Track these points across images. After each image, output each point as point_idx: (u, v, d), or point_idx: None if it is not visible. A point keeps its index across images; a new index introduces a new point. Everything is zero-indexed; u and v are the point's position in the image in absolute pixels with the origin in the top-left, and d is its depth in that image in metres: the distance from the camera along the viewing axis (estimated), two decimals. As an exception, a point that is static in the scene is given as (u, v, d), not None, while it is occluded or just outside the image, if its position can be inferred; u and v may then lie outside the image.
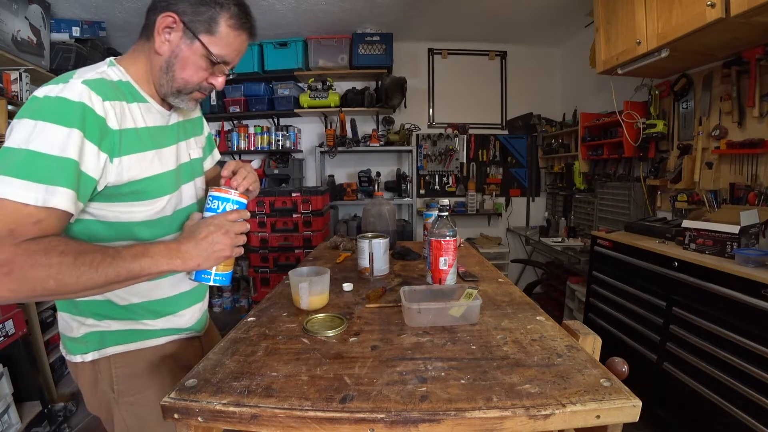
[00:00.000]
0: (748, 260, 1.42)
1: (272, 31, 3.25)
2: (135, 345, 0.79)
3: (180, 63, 0.70)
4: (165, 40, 0.69)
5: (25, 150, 0.57)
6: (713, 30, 1.57)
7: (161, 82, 0.73)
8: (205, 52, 0.70)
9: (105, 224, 0.71)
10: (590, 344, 0.75)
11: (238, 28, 0.72)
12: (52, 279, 0.56)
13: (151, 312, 0.79)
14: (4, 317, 1.66)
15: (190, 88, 0.74)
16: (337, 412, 0.54)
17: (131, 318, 0.78)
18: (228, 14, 0.70)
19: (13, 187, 0.55)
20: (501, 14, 3.08)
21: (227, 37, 0.71)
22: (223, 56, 0.72)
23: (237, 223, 0.74)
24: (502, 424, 0.53)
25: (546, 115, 3.77)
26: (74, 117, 0.60)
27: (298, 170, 3.56)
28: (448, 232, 1.01)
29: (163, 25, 0.69)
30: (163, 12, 0.68)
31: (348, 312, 0.91)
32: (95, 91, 0.63)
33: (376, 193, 1.80)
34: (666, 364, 1.72)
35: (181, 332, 0.86)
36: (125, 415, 0.79)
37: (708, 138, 2.07)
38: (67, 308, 0.77)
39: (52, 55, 2.64)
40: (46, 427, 1.78)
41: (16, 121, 0.59)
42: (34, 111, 0.59)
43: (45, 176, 0.57)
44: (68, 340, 0.78)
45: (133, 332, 0.79)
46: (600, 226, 2.85)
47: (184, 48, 0.70)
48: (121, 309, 0.76)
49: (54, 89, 0.61)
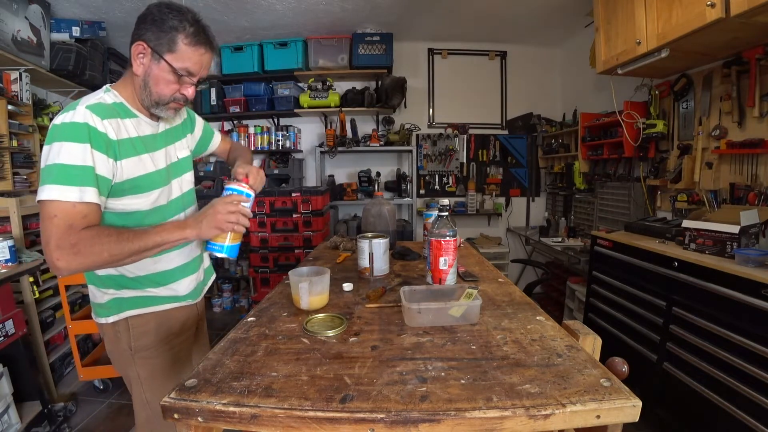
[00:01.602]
0: (748, 260, 1.42)
1: (272, 31, 3.24)
2: (145, 309, 1.00)
3: (153, 80, 0.88)
4: (140, 63, 0.88)
5: (59, 164, 0.78)
6: (713, 30, 1.57)
7: (142, 98, 0.92)
8: (170, 67, 0.87)
9: (117, 215, 0.92)
10: (590, 344, 0.75)
11: (195, 44, 0.88)
12: (105, 252, 0.80)
13: (153, 282, 1.00)
14: (4, 317, 1.66)
15: (165, 100, 0.92)
16: (337, 412, 0.54)
17: (139, 287, 0.99)
18: (184, 34, 0.86)
19: (60, 191, 0.77)
20: (501, 14, 3.08)
21: (186, 52, 0.87)
22: (186, 68, 0.88)
23: (232, 204, 0.92)
24: (502, 424, 0.53)
25: (546, 115, 3.77)
26: (83, 134, 0.81)
27: (298, 170, 3.56)
28: (448, 232, 1.01)
29: (136, 52, 0.87)
30: (135, 42, 0.87)
31: (348, 312, 0.91)
32: (95, 113, 0.83)
33: (376, 193, 1.80)
34: (666, 364, 1.72)
35: (180, 300, 1.06)
36: (139, 369, 1.00)
37: (708, 138, 2.07)
38: (94, 281, 0.98)
39: (52, 55, 2.64)
40: (46, 427, 1.78)
41: (47, 147, 0.80)
42: (56, 135, 0.80)
43: (76, 180, 0.79)
44: (96, 306, 1.00)
45: (143, 299, 0.99)
46: (600, 226, 2.85)
47: (154, 67, 0.87)
48: (130, 280, 0.97)
49: (66, 116, 0.82)
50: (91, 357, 2.24)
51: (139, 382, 1.01)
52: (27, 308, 1.93)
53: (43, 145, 2.46)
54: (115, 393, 2.22)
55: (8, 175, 2.28)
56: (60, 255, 0.77)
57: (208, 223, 0.90)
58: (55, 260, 0.77)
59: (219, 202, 0.92)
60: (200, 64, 0.90)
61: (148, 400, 1.01)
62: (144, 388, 1.01)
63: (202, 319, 1.23)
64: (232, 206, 0.91)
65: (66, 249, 0.77)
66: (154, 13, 0.85)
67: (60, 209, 0.78)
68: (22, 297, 1.94)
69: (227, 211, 0.90)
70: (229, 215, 0.90)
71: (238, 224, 0.92)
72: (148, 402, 1.01)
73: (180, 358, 1.08)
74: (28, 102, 2.47)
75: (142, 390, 1.01)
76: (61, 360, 2.26)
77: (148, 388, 1.01)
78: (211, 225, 0.90)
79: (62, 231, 0.77)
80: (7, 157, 2.28)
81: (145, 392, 1.01)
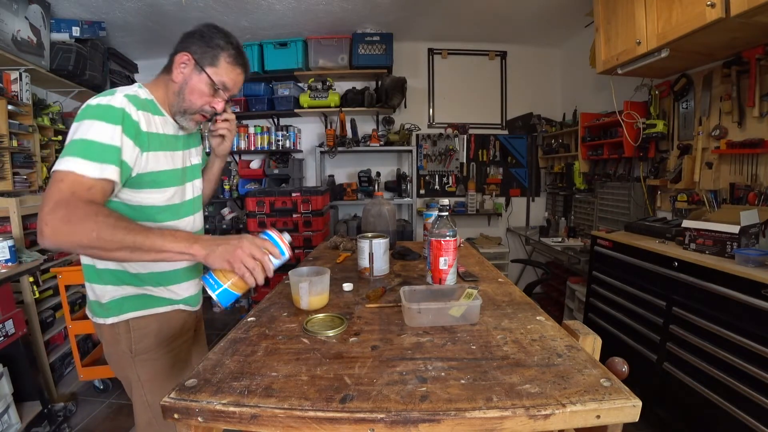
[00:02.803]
0: (748, 260, 1.42)
1: (272, 31, 3.24)
2: (146, 311, 0.98)
3: (189, 88, 0.94)
4: (180, 72, 0.94)
5: (85, 139, 0.79)
6: (713, 30, 1.57)
7: (173, 103, 0.96)
8: (209, 80, 0.93)
9: (129, 207, 0.91)
10: (590, 344, 0.75)
11: (234, 63, 0.96)
12: (95, 232, 0.73)
13: (153, 281, 0.99)
14: (4, 317, 1.66)
15: (193, 109, 0.96)
16: (337, 412, 0.54)
17: (139, 284, 0.97)
18: (227, 53, 0.94)
19: (76, 164, 0.76)
20: (501, 14, 3.08)
21: (226, 69, 0.95)
22: (222, 82, 0.95)
23: (259, 249, 0.80)
24: (502, 424, 0.53)
25: (546, 115, 3.77)
26: (117, 118, 0.83)
27: (298, 170, 3.56)
28: (448, 232, 1.01)
29: (180, 61, 0.94)
30: (180, 51, 0.94)
31: (348, 312, 0.91)
32: (131, 102, 0.87)
33: (376, 193, 1.80)
34: (666, 364, 1.72)
35: (179, 303, 1.05)
36: (140, 371, 0.99)
37: (708, 138, 2.07)
38: (92, 278, 0.96)
39: (52, 55, 2.64)
40: (46, 427, 1.78)
41: (76, 124, 0.81)
42: (89, 114, 0.81)
43: (99, 156, 0.79)
44: (96, 305, 0.98)
45: (143, 300, 0.98)
46: (600, 226, 2.85)
47: (194, 77, 0.94)
48: (132, 276, 0.96)
49: (104, 99, 0.84)
50: (90, 357, 2.24)
51: (140, 384, 1.00)
52: (27, 308, 1.93)
53: (42, 144, 2.47)
54: (115, 393, 2.22)
55: (8, 175, 2.28)
56: (50, 220, 0.72)
57: (224, 251, 0.78)
58: (43, 225, 0.73)
59: (248, 238, 0.81)
60: (235, 82, 0.98)
61: (150, 402, 1.00)
62: (145, 390, 1.00)
63: (200, 320, 1.23)
64: (259, 252, 0.80)
65: (58, 215, 0.72)
66: (203, 31, 0.94)
67: (71, 179, 0.76)
68: (22, 297, 1.94)
69: (250, 252, 0.78)
70: (250, 259, 0.78)
71: (252, 273, 0.78)
72: (149, 405, 1.00)
73: (180, 359, 1.07)
74: (28, 102, 2.47)
75: (143, 392, 1.00)
76: (61, 360, 2.26)
77: (149, 390, 1.00)
78: (225, 255, 0.78)
79: (63, 196, 0.74)
80: (7, 157, 2.28)
81: (147, 394, 1.00)
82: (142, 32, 3.09)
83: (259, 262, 0.79)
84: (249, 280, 0.79)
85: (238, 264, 0.77)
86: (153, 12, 2.76)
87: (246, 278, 0.79)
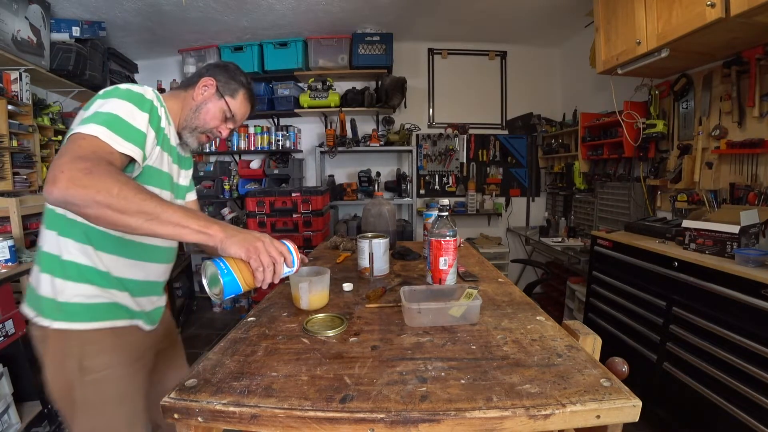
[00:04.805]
0: (748, 260, 1.42)
1: (272, 31, 3.24)
2: (104, 323, 0.88)
3: (206, 109, 1.01)
4: (201, 92, 1.01)
5: (114, 114, 0.78)
6: (713, 30, 1.57)
7: (187, 117, 1.01)
8: (226, 107, 1.02)
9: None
10: (590, 344, 0.75)
11: (248, 101, 1.07)
12: (116, 188, 0.67)
13: (121, 284, 0.91)
14: (4, 317, 1.66)
15: (202, 129, 1.02)
16: (337, 412, 0.54)
17: (104, 286, 0.88)
18: (245, 90, 1.05)
19: (101, 131, 0.74)
20: (501, 14, 3.08)
21: (241, 103, 1.05)
22: (234, 113, 1.04)
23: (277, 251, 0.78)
24: (502, 424, 0.53)
25: (546, 115, 3.77)
26: (146, 106, 0.85)
27: (298, 170, 3.56)
28: (448, 232, 1.01)
29: (203, 83, 1.01)
30: (206, 76, 1.01)
31: (348, 312, 0.91)
32: (157, 98, 0.91)
33: (376, 193, 1.80)
34: (666, 364, 1.72)
35: (139, 318, 0.97)
36: (88, 393, 0.86)
37: (708, 138, 2.07)
38: (52, 268, 0.86)
39: (52, 55, 2.64)
40: (46, 427, 1.78)
41: (101, 101, 0.80)
42: (118, 94, 0.82)
43: (125, 134, 0.78)
44: (49, 303, 0.85)
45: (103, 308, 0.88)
46: (600, 226, 2.85)
47: (213, 100, 1.01)
48: (98, 274, 0.88)
49: (135, 87, 0.86)
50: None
51: (84, 410, 0.86)
52: (27, 308, 1.93)
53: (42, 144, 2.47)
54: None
55: (8, 175, 2.28)
56: (69, 168, 0.65)
57: (243, 239, 0.74)
58: (58, 172, 0.65)
59: (267, 236, 0.78)
60: (243, 115, 1.08)
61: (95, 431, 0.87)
62: (89, 416, 0.86)
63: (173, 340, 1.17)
64: (276, 252, 0.76)
65: (79, 165, 0.66)
66: (230, 68, 1.05)
67: (94, 142, 0.72)
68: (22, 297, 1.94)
69: (268, 249, 0.75)
70: (267, 255, 0.75)
71: (265, 269, 0.74)
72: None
73: (135, 386, 0.94)
74: (28, 102, 2.47)
75: (86, 419, 0.87)
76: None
77: (94, 418, 0.87)
78: (244, 243, 0.74)
79: (84, 153, 0.70)
80: (7, 157, 2.28)
81: (91, 420, 0.87)
82: (142, 32, 3.09)
83: (273, 261, 0.76)
84: (259, 275, 0.74)
85: (255, 256, 0.73)
86: (153, 12, 2.77)
87: (257, 273, 0.74)
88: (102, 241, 0.88)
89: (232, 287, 0.73)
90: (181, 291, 3.46)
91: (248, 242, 0.74)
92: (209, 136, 1.05)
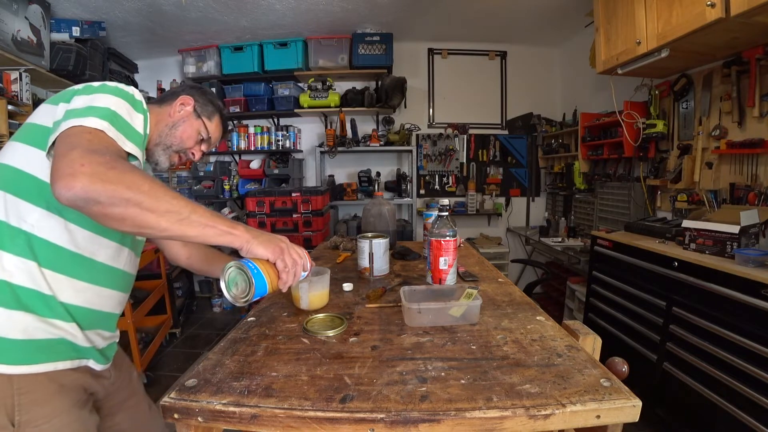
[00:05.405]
0: (748, 260, 1.42)
1: (272, 31, 3.24)
2: (41, 367, 0.72)
3: (182, 127, 0.96)
4: (178, 110, 0.96)
5: (113, 110, 0.71)
6: (713, 30, 1.57)
7: (162, 133, 0.94)
8: (202, 128, 0.99)
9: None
10: (590, 344, 0.75)
11: (221, 125, 1.05)
12: (146, 184, 0.61)
13: (66, 312, 0.75)
14: (4, 317, 1.66)
15: (176, 148, 0.95)
16: (337, 412, 0.54)
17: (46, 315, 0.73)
18: (219, 115, 1.04)
19: (103, 125, 0.67)
20: (501, 14, 3.08)
21: (216, 125, 1.03)
22: (209, 134, 1.01)
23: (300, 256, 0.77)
24: (502, 424, 0.53)
25: (546, 115, 3.77)
26: (140, 108, 0.81)
27: (298, 170, 3.56)
28: (448, 232, 1.01)
29: (181, 101, 0.97)
30: (184, 94, 0.98)
31: (348, 312, 0.91)
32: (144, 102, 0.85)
33: (376, 193, 1.80)
34: (666, 364, 1.72)
35: (89, 357, 0.82)
36: None
37: (708, 138, 2.07)
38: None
39: (52, 55, 2.64)
40: None
41: (89, 96, 0.72)
42: (111, 91, 0.75)
43: (127, 133, 0.72)
44: None
45: (44, 346, 0.73)
46: (600, 226, 2.85)
47: (190, 120, 0.97)
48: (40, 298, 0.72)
49: (124, 86, 0.79)
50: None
51: None
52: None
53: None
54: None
55: (8, 175, 2.28)
56: (89, 162, 0.58)
57: (267, 239, 0.73)
58: (78, 166, 0.57)
59: (288, 240, 0.77)
60: (216, 139, 1.06)
61: None
62: None
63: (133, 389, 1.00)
64: (299, 257, 0.76)
65: (98, 159, 0.59)
66: (207, 91, 1.04)
67: (102, 135, 0.65)
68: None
69: (291, 254, 0.74)
70: (291, 258, 0.74)
71: (290, 271, 0.73)
72: None
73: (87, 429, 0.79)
74: (28, 102, 2.47)
75: None
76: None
77: None
78: (269, 245, 0.72)
79: (96, 147, 0.62)
80: (7, 157, 2.28)
81: None
82: (142, 32, 3.09)
83: (296, 265, 0.75)
84: (284, 277, 0.72)
85: (281, 257, 0.72)
86: (153, 12, 2.77)
87: (283, 275, 0.72)
88: (49, 256, 0.72)
89: (261, 287, 0.71)
90: (181, 291, 3.46)
91: (273, 243, 0.73)
92: (181, 157, 0.98)
